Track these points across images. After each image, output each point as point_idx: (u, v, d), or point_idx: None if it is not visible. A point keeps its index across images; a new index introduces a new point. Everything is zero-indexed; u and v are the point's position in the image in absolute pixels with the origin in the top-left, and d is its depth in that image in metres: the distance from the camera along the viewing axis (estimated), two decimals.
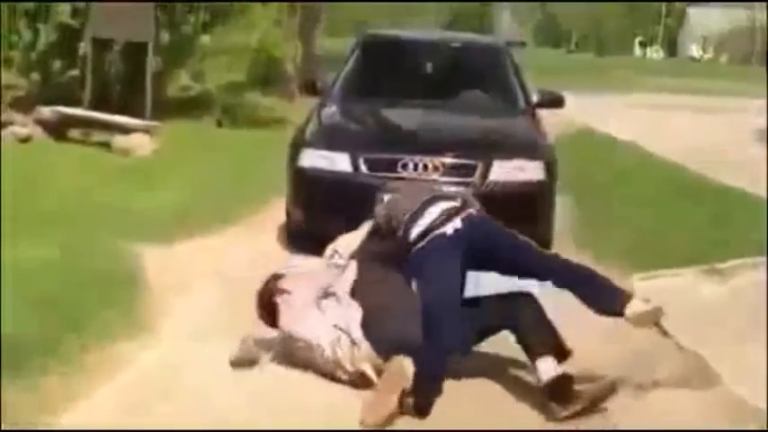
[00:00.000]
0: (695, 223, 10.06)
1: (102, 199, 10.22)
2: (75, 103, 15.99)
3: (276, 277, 6.05)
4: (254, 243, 9.07)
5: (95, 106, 15.88)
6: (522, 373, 5.78)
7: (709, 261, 8.00)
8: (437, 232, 5.76)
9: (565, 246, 9.33)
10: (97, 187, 10.95)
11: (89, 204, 9.85)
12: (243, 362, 5.80)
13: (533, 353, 5.52)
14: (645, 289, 7.51)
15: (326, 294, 5.80)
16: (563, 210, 9.86)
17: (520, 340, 5.64)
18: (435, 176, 8.69)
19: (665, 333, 6.56)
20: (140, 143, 14.43)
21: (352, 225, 6.38)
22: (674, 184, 12.60)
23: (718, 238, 9.21)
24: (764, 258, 8.00)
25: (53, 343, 5.68)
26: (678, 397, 5.41)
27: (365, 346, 5.52)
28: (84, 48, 16.69)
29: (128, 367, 5.64)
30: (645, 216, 10.58)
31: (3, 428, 3.72)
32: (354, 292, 5.84)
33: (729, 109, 25.36)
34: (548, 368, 5.41)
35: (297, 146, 9.27)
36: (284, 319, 5.81)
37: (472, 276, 5.85)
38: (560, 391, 5.34)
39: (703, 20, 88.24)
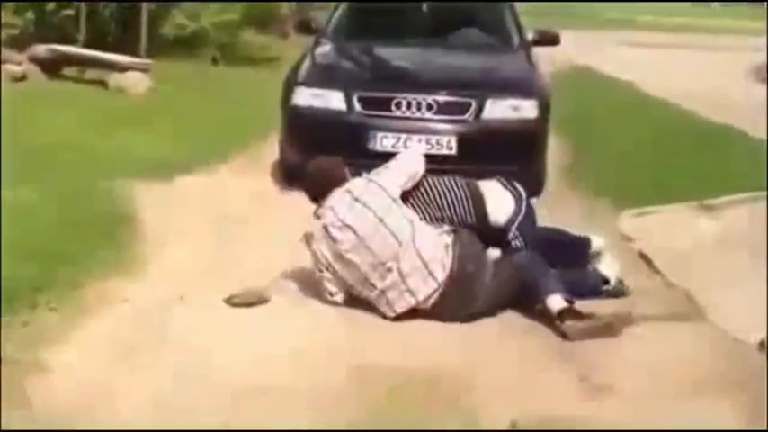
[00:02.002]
0: (690, 161, 10.08)
1: (97, 137, 10.23)
2: (70, 41, 15.95)
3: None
4: (249, 181, 9.09)
5: (90, 44, 15.84)
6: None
7: (703, 197, 8.03)
8: None
9: (558, 184, 9.41)
10: (92, 125, 10.95)
11: (84, 142, 9.85)
12: (247, 300, 5.83)
13: (543, 292, 5.59)
14: (637, 225, 7.59)
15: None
16: (557, 148, 9.89)
17: (528, 288, 5.70)
18: (429, 114, 8.71)
19: (655, 270, 6.61)
20: (135, 81, 14.42)
21: (346, 163, 6.39)
22: (669, 123, 12.61)
23: (712, 175, 9.24)
24: (757, 194, 8.05)
25: (46, 280, 5.71)
26: (666, 331, 5.45)
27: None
28: None
29: (120, 304, 5.65)
30: (639, 154, 10.59)
31: (2, 429, 3.76)
32: None
33: (725, 47, 25.29)
34: (558, 300, 5.49)
35: (290, 84, 9.26)
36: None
37: None
38: (573, 314, 5.44)
39: None
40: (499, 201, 6.20)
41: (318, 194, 5.99)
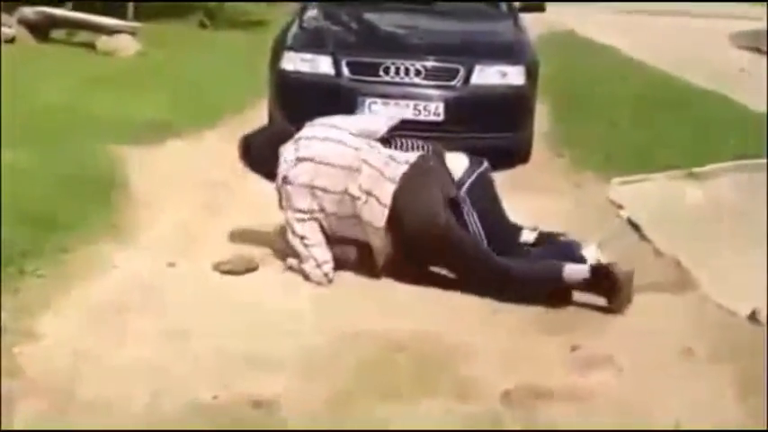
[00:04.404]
0: (675, 128, 10.10)
1: (85, 100, 10.21)
2: (59, 3, 15.89)
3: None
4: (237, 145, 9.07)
5: (79, 7, 15.78)
6: None
7: (688, 165, 8.07)
8: None
9: (545, 151, 9.44)
10: (81, 89, 10.93)
11: (73, 105, 9.83)
12: (236, 267, 5.83)
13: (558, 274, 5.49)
14: (623, 193, 7.62)
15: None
16: (541, 113, 9.90)
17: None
18: (417, 80, 8.73)
19: (643, 238, 6.64)
20: (124, 44, 14.42)
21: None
22: (653, 89, 12.62)
23: (697, 143, 9.27)
24: (743, 162, 8.10)
25: (34, 245, 5.71)
26: (657, 301, 5.46)
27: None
28: None
29: (108, 270, 5.65)
30: (624, 121, 10.61)
31: (3, 428, 3.77)
32: None
33: (707, 14, 25.25)
34: (578, 268, 5.44)
35: (278, 49, 9.26)
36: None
37: None
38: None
39: None
40: (452, 161, 6.07)
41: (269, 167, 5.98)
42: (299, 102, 8.79)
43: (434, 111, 8.61)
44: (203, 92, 11.42)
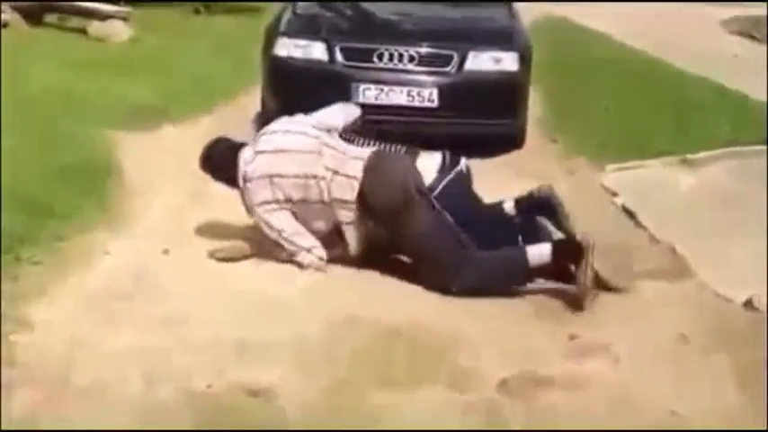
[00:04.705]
0: (668, 114, 10.08)
1: (78, 86, 10.15)
2: None
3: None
4: (231, 131, 9.02)
5: None
6: None
7: (682, 152, 8.06)
8: None
9: (538, 137, 9.43)
10: (73, 74, 10.87)
11: (65, 91, 9.78)
12: (230, 255, 5.83)
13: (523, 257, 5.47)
14: (619, 179, 7.62)
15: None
16: (534, 99, 9.90)
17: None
18: (411, 66, 8.71)
19: (639, 225, 6.63)
20: (117, 30, 14.35)
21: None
22: (650, 76, 12.59)
23: (693, 130, 9.26)
24: (738, 149, 8.10)
25: (29, 232, 5.70)
26: (653, 289, 5.46)
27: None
28: None
29: (103, 258, 5.65)
30: (618, 107, 10.58)
31: (3, 428, 3.76)
32: None
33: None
34: (540, 249, 5.41)
35: (272, 35, 9.24)
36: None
37: None
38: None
39: None
40: (423, 163, 5.96)
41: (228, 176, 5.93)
42: (293, 88, 8.77)
43: (428, 97, 8.60)
44: (197, 78, 11.36)
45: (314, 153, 5.66)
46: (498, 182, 6.19)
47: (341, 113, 6.17)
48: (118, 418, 3.87)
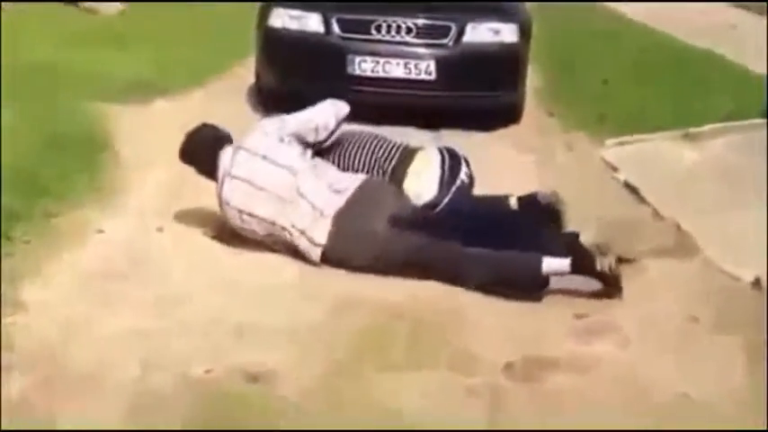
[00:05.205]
0: (672, 88, 9.98)
1: (69, 60, 10.04)
2: None
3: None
4: (226, 106, 8.94)
5: None
6: None
7: (685, 126, 7.97)
8: None
9: (536, 111, 9.34)
10: (64, 48, 10.76)
11: (59, 64, 9.68)
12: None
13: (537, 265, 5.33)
14: (621, 154, 7.52)
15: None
16: (534, 72, 9.81)
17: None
18: (408, 38, 8.60)
19: (642, 201, 6.54)
20: (107, 3, 14.24)
21: (324, 88, 6.26)
22: (650, 49, 12.49)
23: (694, 103, 9.16)
24: (741, 123, 8.01)
25: (20, 209, 5.59)
26: (659, 267, 5.35)
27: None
28: None
29: (96, 236, 5.54)
30: (617, 80, 10.49)
31: (3, 428, 3.66)
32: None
33: None
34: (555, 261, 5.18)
35: (267, 5, 9.10)
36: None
37: None
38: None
39: None
40: (421, 178, 5.77)
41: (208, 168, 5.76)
42: (287, 60, 8.68)
43: (426, 69, 8.50)
44: (189, 51, 11.25)
45: (286, 201, 5.43)
46: (497, 157, 6.07)
47: (332, 109, 5.87)
48: (115, 403, 3.76)
